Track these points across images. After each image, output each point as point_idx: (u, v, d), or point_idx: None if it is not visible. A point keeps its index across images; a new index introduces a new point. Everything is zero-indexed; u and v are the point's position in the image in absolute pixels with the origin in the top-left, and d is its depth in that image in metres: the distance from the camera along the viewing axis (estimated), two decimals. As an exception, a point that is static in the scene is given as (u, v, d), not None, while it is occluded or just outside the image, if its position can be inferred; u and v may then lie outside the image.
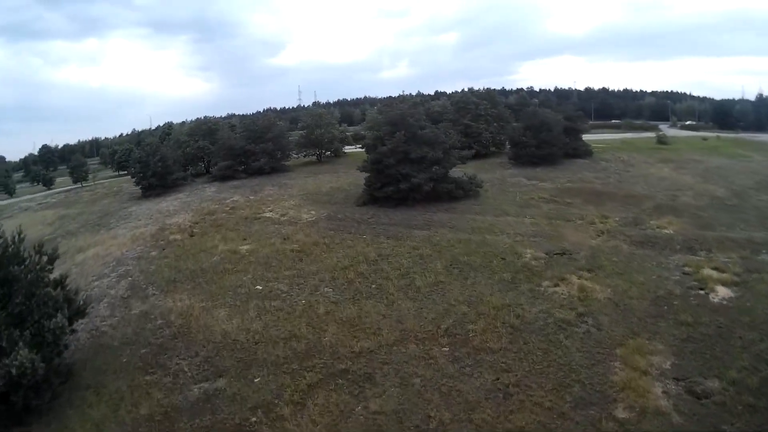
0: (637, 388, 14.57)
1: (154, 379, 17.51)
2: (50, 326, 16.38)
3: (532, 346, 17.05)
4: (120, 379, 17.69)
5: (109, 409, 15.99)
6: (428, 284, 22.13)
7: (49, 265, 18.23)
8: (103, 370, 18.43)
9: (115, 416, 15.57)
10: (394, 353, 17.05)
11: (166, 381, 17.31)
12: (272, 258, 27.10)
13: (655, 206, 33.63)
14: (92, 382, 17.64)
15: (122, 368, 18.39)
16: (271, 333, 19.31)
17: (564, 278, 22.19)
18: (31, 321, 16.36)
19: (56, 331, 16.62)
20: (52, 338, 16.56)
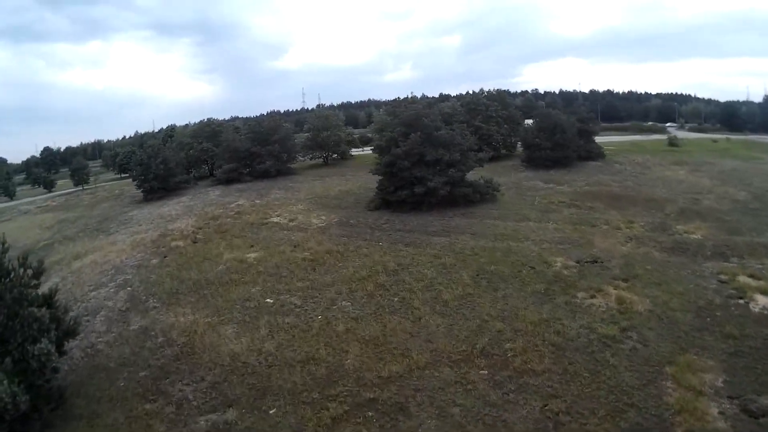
0: (694, 411, 13.35)
1: (154, 408, 15.77)
2: (34, 352, 14.60)
3: (578, 367, 15.48)
4: (116, 408, 15.98)
5: None
6: (456, 297, 20.47)
7: (34, 279, 16.34)
8: (98, 397, 16.71)
9: None
10: (426, 378, 15.35)
11: (168, 411, 15.54)
12: (282, 267, 25.43)
13: (679, 210, 32.32)
14: (85, 411, 15.95)
15: (119, 395, 16.67)
16: (286, 355, 17.53)
17: (600, 289, 20.69)
18: (14, 344, 14.62)
19: (41, 358, 14.78)
20: (38, 365, 14.78)
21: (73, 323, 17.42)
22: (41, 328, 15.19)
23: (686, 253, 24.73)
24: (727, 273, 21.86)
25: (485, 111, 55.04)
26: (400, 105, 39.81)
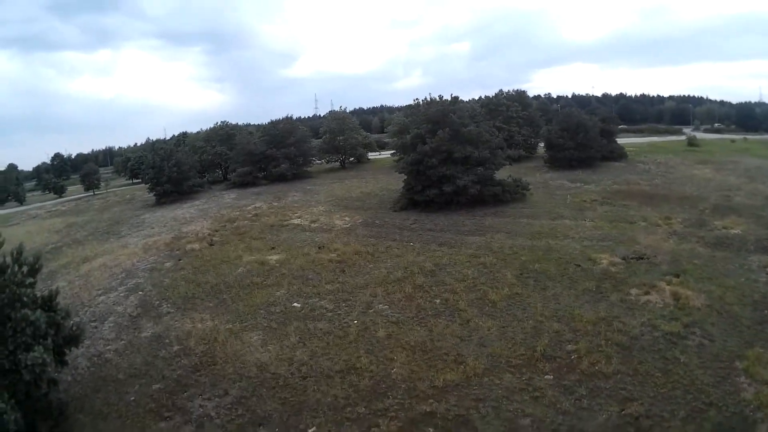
0: None
1: (170, 427, 13.89)
2: (27, 361, 12.57)
3: (649, 366, 14.16)
4: (126, 427, 14.16)
5: None
6: (503, 297, 19.08)
7: (29, 278, 14.22)
8: (105, 413, 14.84)
9: None
10: (486, 386, 13.87)
11: (186, 431, 13.73)
12: (308, 270, 24.07)
13: (713, 207, 31.21)
14: (91, 430, 14.17)
15: (129, 411, 14.79)
16: (322, 364, 15.83)
17: (653, 285, 19.41)
18: (4, 353, 12.69)
19: (35, 368, 12.71)
20: (31, 377, 12.74)
21: (75, 329, 15.45)
22: (36, 333, 13.26)
23: (730, 248, 23.71)
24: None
25: (506, 112, 54.03)
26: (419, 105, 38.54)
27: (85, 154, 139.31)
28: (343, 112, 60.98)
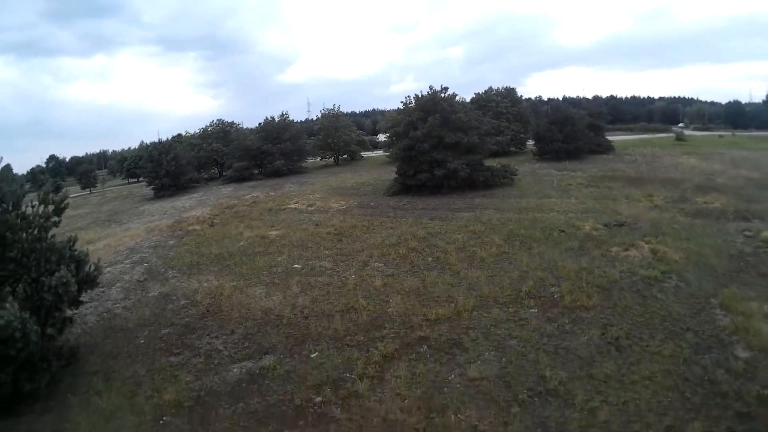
0: (749, 329, 13.08)
1: (180, 360, 14.54)
2: (51, 283, 13.23)
3: (628, 301, 15.17)
4: (136, 362, 14.71)
5: (123, 396, 12.90)
6: (491, 255, 20.17)
7: (55, 216, 14.88)
8: (115, 354, 15.35)
9: (130, 404, 12.47)
10: (476, 318, 14.92)
11: (196, 362, 14.35)
12: (307, 241, 25.15)
13: (695, 187, 32.34)
14: (101, 368, 14.55)
15: (139, 351, 15.39)
16: (323, 307, 16.84)
17: (633, 244, 20.47)
18: (27, 280, 13.39)
19: (58, 289, 13.33)
20: (54, 299, 13.39)
21: (93, 269, 15.84)
22: (60, 260, 14.12)
23: (709, 217, 24.79)
24: (752, 230, 21.93)
25: (495, 107, 55.40)
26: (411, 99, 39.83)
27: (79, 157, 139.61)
28: (337, 111, 62.13)
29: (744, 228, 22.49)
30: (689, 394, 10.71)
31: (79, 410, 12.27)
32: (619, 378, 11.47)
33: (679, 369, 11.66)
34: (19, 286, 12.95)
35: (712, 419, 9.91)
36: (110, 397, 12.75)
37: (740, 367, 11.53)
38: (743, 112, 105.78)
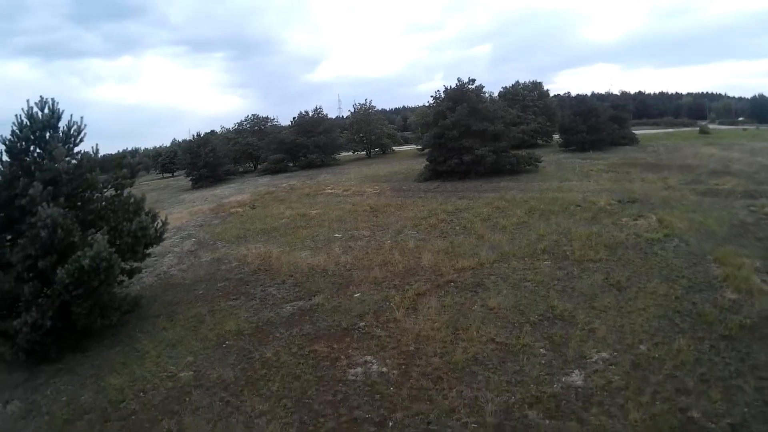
0: (739, 277, 14.76)
1: (238, 303, 16.74)
2: (131, 227, 15.68)
3: (631, 256, 17.17)
4: (197, 306, 16.83)
5: (187, 330, 15.08)
6: (512, 224, 22.33)
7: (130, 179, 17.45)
8: (176, 302, 17.60)
9: (194, 335, 14.68)
10: (496, 268, 17.12)
11: (252, 303, 16.56)
12: (345, 216, 27.61)
13: (710, 172, 33.63)
14: (164, 311, 16.70)
15: (198, 299, 17.55)
16: (363, 262, 19.21)
17: (642, 215, 22.37)
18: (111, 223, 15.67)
19: (137, 232, 15.80)
20: (132, 241, 15.73)
21: (160, 226, 17.85)
22: (138, 211, 16.61)
23: (719, 196, 26.25)
24: (756, 206, 23.36)
25: (522, 101, 57.20)
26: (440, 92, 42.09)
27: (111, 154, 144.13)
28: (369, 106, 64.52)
29: (749, 204, 24.00)
30: (678, 321, 12.71)
31: (147, 341, 14.68)
32: (617, 308, 13.58)
33: (672, 304, 13.66)
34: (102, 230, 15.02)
35: (696, 339, 11.85)
36: (175, 331, 15.16)
37: (727, 304, 13.42)
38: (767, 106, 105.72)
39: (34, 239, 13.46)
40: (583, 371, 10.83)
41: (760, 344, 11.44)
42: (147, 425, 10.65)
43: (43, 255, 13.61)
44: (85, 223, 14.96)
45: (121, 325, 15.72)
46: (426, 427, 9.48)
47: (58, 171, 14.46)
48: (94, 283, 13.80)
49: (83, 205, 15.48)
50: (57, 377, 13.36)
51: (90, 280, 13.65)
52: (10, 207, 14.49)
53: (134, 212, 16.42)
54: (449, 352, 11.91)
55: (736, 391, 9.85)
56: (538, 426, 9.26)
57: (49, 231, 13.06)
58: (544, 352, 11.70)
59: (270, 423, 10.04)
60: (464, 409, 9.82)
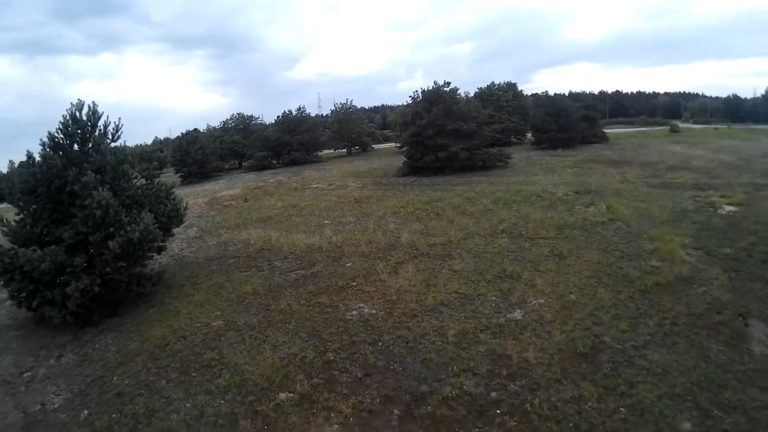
0: (666, 250, 18.71)
1: (250, 273, 20.65)
2: (167, 209, 20.08)
3: (576, 234, 21.34)
4: (215, 277, 20.67)
5: (210, 294, 18.90)
6: (479, 211, 26.56)
7: (159, 170, 21.52)
8: (195, 274, 21.24)
9: (218, 297, 18.50)
10: (462, 244, 21.24)
11: (262, 273, 20.49)
12: (332, 207, 31.66)
13: (669, 167, 37.55)
14: (187, 281, 20.39)
15: (214, 271, 21.35)
16: (351, 241, 23.15)
17: (593, 203, 26.50)
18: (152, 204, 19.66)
19: (171, 213, 20.24)
20: (166, 221, 19.92)
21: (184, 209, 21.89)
22: (168, 195, 20.76)
23: (670, 188, 30.08)
24: (702, 196, 27.01)
25: (497, 101, 61.63)
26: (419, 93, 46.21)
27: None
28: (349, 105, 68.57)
29: (696, 194, 27.89)
30: (605, 280, 16.86)
31: (178, 303, 18.57)
32: (556, 271, 17.78)
33: (602, 268, 17.81)
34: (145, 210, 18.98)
35: (617, 291, 15.94)
36: (200, 295, 19.10)
37: (649, 268, 17.48)
38: (742, 106, 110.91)
39: (86, 218, 17.25)
40: (522, 310, 14.99)
41: (669, 296, 15.47)
42: (192, 358, 14.51)
43: (94, 231, 17.38)
44: (124, 206, 18.73)
45: (152, 294, 19.57)
46: (405, 345, 13.55)
47: (103, 162, 18.27)
48: (138, 253, 17.74)
49: (121, 192, 19.15)
50: (102, 335, 16.98)
51: (135, 251, 17.56)
52: (59, 192, 18.24)
53: (165, 197, 20.50)
54: (422, 300, 16.05)
55: (642, 325, 13.89)
56: (486, 342, 13.37)
57: (104, 211, 16.85)
58: (495, 298, 15.88)
59: (291, 347, 14.06)
60: (432, 333, 13.94)
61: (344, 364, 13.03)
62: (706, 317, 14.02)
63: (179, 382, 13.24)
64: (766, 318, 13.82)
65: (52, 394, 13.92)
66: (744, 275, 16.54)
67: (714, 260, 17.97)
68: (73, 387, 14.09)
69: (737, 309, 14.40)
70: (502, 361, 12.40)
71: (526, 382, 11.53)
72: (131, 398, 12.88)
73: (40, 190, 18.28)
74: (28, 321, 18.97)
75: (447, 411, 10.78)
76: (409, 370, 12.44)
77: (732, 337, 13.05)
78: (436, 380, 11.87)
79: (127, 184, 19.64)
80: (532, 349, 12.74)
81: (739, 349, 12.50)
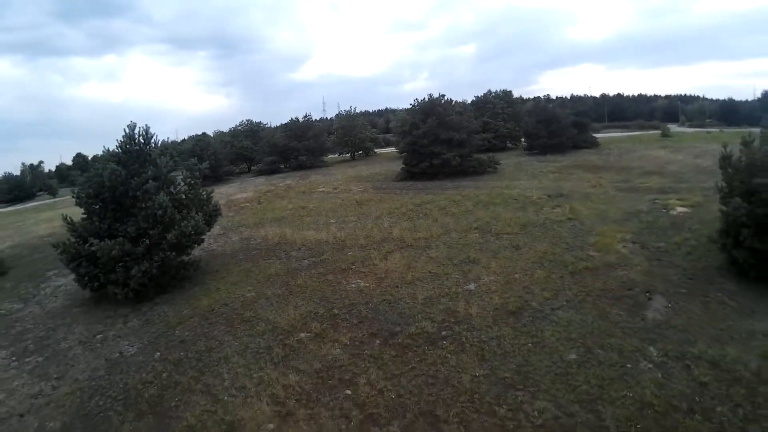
0: (605, 243, 24.06)
1: (271, 261, 26.71)
2: (210, 209, 26.80)
3: (535, 231, 27.16)
4: (243, 264, 26.72)
5: (242, 276, 24.97)
6: (461, 212, 32.72)
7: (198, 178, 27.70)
8: (225, 263, 26.57)
9: (248, 278, 24.61)
10: (441, 238, 27.33)
11: (281, 260, 26.56)
12: (337, 208, 37.90)
13: (644, 172, 41.58)
14: (220, 268, 25.73)
15: (242, 260, 26.65)
16: (352, 236, 29.33)
17: (560, 205, 32.34)
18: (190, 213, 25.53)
19: (212, 212, 26.43)
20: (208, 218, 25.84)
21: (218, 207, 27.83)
22: (208, 198, 27.17)
23: (636, 191, 33.81)
24: (661, 199, 30.45)
25: (492, 108, 67.98)
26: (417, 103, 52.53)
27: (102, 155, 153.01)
28: (352, 112, 75.01)
29: (656, 197, 31.03)
30: (545, 264, 22.87)
31: (216, 283, 24.80)
32: (510, 258, 23.91)
33: (547, 256, 23.77)
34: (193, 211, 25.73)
35: (552, 272, 21.78)
36: (233, 277, 25.35)
37: (584, 257, 23.27)
38: (737, 109, 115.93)
39: (147, 216, 23.62)
40: (476, 284, 21.18)
41: (591, 277, 21.19)
42: (235, 316, 20.73)
43: (153, 227, 23.73)
44: (175, 207, 25.08)
45: (193, 277, 25.81)
46: (388, 304, 19.80)
47: (160, 173, 24.69)
48: (188, 243, 24.40)
49: (171, 196, 25.53)
50: (157, 307, 23.10)
51: (187, 241, 24.16)
52: (122, 197, 24.58)
53: (206, 200, 26.79)
54: (403, 277, 22.34)
55: (562, 294, 19.72)
56: (444, 303, 19.54)
57: (163, 211, 23.25)
58: (457, 276, 22.10)
59: (307, 307, 20.37)
60: (407, 298, 20.21)
61: (345, 316, 19.25)
62: (616, 291, 19.28)
63: (227, 331, 19.45)
64: (668, 295, 18.73)
65: (127, 345, 19.75)
66: (664, 263, 21.56)
67: (644, 252, 22.22)
68: (143, 340, 20.02)
69: (646, 287, 18.47)
70: (453, 314, 18.51)
71: (466, 326, 17.60)
72: (193, 342, 19.02)
73: (106, 194, 24.54)
74: (86, 301, 24.92)
75: (411, 341, 16.95)
76: (388, 319, 18.64)
77: (632, 306, 18.02)
78: (405, 324, 18.06)
79: (175, 189, 26.04)
80: (475, 307, 18.81)
81: (635, 314, 17.40)
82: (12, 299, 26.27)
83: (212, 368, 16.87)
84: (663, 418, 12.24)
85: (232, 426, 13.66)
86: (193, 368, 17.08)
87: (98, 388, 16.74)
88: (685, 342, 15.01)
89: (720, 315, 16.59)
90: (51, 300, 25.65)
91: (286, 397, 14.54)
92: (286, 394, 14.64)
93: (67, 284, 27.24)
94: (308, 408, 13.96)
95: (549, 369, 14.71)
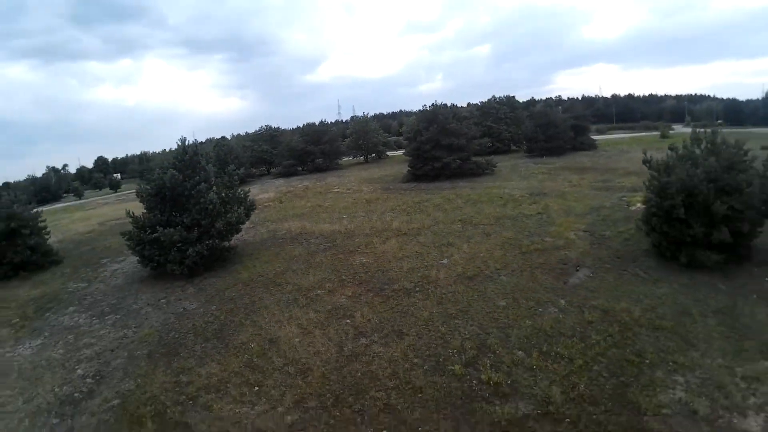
0: (560, 232, 31.45)
1: (294, 246, 34.40)
2: (248, 204, 34.83)
3: (506, 222, 34.96)
4: (272, 249, 34.27)
5: (272, 256, 32.69)
6: (452, 207, 40.87)
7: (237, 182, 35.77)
8: (257, 248, 32.69)
9: (277, 258, 32.43)
10: (430, 228, 35.39)
11: (303, 246, 34.18)
12: (349, 206, 46.30)
13: (626, 173, 46.07)
14: (253, 252, 31.74)
15: (270, 247, 32.76)
16: (360, 228, 37.35)
17: (536, 202, 39.97)
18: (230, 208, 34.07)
19: (250, 207, 34.00)
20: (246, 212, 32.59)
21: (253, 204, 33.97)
22: (245, 196, 34.68)
23: (609, 190, 38.45)
24: (628, 197, 34.88)
25: (495, 114, 76.26)
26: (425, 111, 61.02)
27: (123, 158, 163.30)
28: (366, 117, 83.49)
29: (623, 195, 35.94)
30: (506, 247, 30.71)
31: (252, 263, 33.10)
32: (480, 242, 31.97)
33: (509, 241, 31.71)
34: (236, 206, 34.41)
35: (507, 251, 29.66)
36: (264, 257, 33.68)
37: (538, 241, 31.13)
38: (740, 109, 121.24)
39: (200, 210, 32.26)
40: (449, 259, 29.33)
41: (538, 255, 28.26)
42: (269, 282, 29.01)
43: (205, 218, 32.35)
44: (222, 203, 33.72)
45: (233, 258, 34.08)
46: (381, 273, 28.14)
47: (209, 176, 33.42)
48: (231, 231, 33.10)
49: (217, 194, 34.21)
50: (207, 280, 31.33)
51: (230, 230, 32.90)
52: (179, 195, 33.22)
53: (243, 198, 35.31)
54: (396, 255, 30.73)
55: (509, 266, 27.15)
56: (422, 271, 27.77)
57: (213, 206, 31.97)
58: (435, 254, 30.32)
59: (323, 275, 28.75)
60: (396, 269, 28.50)
61: (349, 280, 27.57)
62: (552, 265, 25.95)
63: (264, 291, 27.75)
64: (594, 269, 25.12)
65: (188, 304, 27.48)
66: (602, 247, 28.18)
67: (590, 238, 27.52)
68: (200, 300, 27.82)
69: (577, 263, 23.77)
70: (426, 278, 26.59)
71: (434, 285, 25.58)
72: (240, 299, 27.31)
73: (166, 193, 33.21)
74: (145, 278, 30.27)
75: (393, 293, 25.11)
76: (380, 281, 26.92)
77: (560, 275, 22.29)
78: (391, 284, 26.27)
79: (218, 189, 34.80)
80: (443, 274, 26.86)
81: (560, 280, 23.13)
82: (75, 280, 32.17)
83: (256, 312, 25.08)
84: (551, 338, 19.38)
85: (272, 341, 22.00)
86: (242, 313, 25.24)
87: (172, 329, 24.43)
88: (589, 297, 20.07)
89: (629, 282, 21.16)
90: (112, 279, 31.67)
91: (307, 324, 23.00)
92: (307, 323, 23.09)
93: (123, 267, 33.98)
94: (322, 330, 22.38)
95: (483, 309, 22.46)
